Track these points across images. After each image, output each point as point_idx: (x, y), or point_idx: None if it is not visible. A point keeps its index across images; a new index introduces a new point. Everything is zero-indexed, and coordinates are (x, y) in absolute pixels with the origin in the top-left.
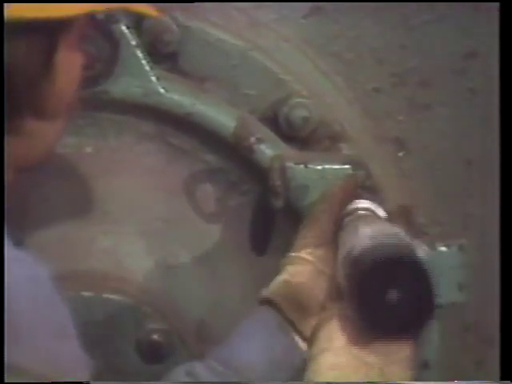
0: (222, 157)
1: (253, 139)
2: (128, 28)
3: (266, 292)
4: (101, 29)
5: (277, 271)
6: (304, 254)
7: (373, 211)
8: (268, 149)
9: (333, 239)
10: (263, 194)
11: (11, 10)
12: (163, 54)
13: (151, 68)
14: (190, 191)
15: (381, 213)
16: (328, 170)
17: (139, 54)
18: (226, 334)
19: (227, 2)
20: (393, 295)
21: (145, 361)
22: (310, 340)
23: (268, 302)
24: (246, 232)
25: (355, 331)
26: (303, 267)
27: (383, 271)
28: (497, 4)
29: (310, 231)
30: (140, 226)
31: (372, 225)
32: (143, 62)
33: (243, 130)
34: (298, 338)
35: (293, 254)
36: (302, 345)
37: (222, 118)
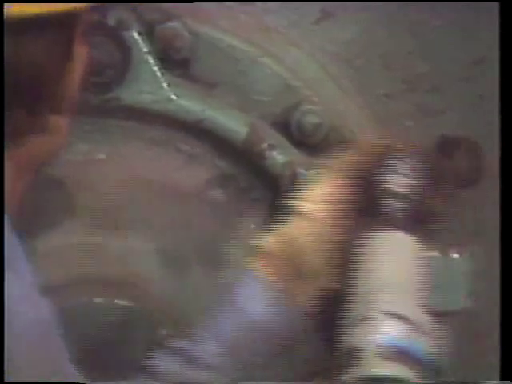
0: (233, 163)
1: (264, 145)
2: (140, 34)
3: (262, 243)
4: (112, 35)
5: None
6: (308, 208)
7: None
8: (279, 155)
9: (346, 200)
10: (274, 200)
11: (13, 9)
12: (175, 61)
13: (162, 74)
14: (201, 197)
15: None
16: None
17: (151, 60)
18: None
19: (229, 1)
20: None
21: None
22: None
23: (262, 254)
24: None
25: None
26: (307, 224)
27: None
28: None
29: (321, 184)
30: (152, 232)
31: (388, 305)
32: (155, 68)
33: (254, 136)
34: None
35: (297, 205)
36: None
37: (233, 124)
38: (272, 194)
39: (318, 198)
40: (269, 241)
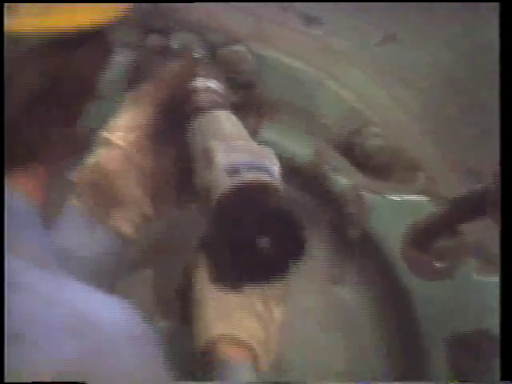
0: (298, 186)
1: (328, 168)
2: (202, 57)
3: (72, 176)
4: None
5: (352, 300)
6: (115, 137)
7: (217, 93)
8: (344, 178)
9: (152, 124)
10: (340, 224)
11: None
12: (238, 84)
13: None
14: None
15: (221, 89)
16: (404, 199)
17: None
18: (302, 364)
19: (233, 2)
20: (261, 241)
21: None
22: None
23: (76, 188)
24: (322, 261)
25: (224, 279)
26: (114, 152)
27: (250, 217)
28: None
29: (127, 112)
30: None
31: (226, 144)
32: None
33: (319, 158)
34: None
35: (104, 134)
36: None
37: (298, 147)
38: (336, 217)
39: (123, 126)
40: (78, 173)
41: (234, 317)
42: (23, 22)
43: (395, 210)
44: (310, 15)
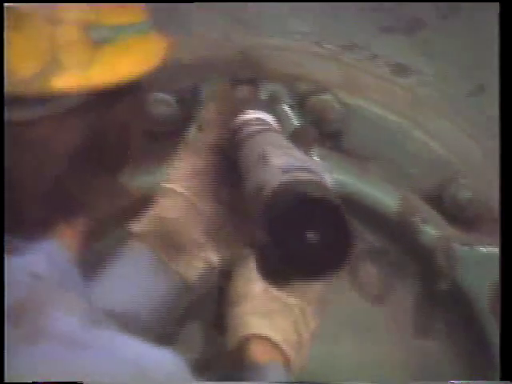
0: (385, 236)
1: (417, 219)
2: (291, 107)
3: (135, 227)
4: (264, 109)
5: (439, 355)
6: (176, 186)
7: (268, 123)
8: (433, 229)
9: (210, 168)
10: (428, 275)
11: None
12: (326, 133)
13: (315, 149)
14: (352, 271)
15: (274, 123)
16: (491, 252)
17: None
18: None
19: (236, 2)
20: (310, 236)
21: None
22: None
23: (138, 239)
24: (410, 314)
25: (273, 273)
26: (175, 201)
27: (300, 212)
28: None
29: (184, 161)
30: None
31: (280, 151)
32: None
33: (407, 209)
34: (177, 277)
35: (165, 185)
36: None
37: (385, 197)
38: (425, 269)
39: (183, 174)
40: (142, 224)
41: (271, 318)
42: (67, 78)
43: (483, 261)
44: (399, 64)
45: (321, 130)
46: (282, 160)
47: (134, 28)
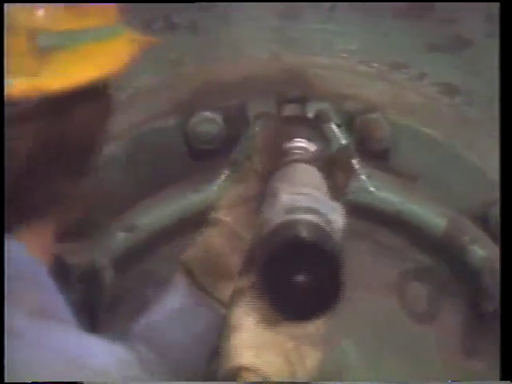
0: (431, 256)
1: (466, 239)
2: (339, 126)
3: (183, 257)
4: (312, 128)
5: (486, 375)
6: (222, 214)
7: (309, 152)
8: (480, 249)
9: (256, 197)
10: (475, 295)
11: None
12: (374, 152)
13: (362, 166)
14: (400, 290)
15: (313, 148)
16: None
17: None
18: None
19: (241, 2)
20: (301, 278)
21: None
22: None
23: (184, 266)
24: (458, 334)
25: (265, 310)
26: (220, 229)
27: (292, 253)
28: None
29: (232, 190)
30: (348, 324)
31: (294, 188)
32: (353, 160)
33: (455, 229)
34: (219, 306)
35: (212, 215)
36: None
37: (433, 216)
38: (472, 289)
39: (229, 204)
40: (188, 253)
41: (263, 351)
42: (16, 85)
43: None
44: (446, 83)
45: (368, 149)
46: (289, 199)
47: (101, 31)
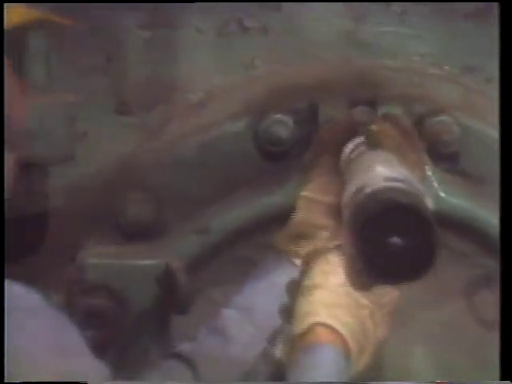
0: (493, 256)
1: None
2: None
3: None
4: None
5: None
6: (314, 194)
7: None
8: None
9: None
10: None
11: None
12: (443, 155)
13: (433, 172)
14: (469, 296)
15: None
16: None
17: None
18: None
19: (233, 2)
20: (395, 242)
21: None
22: (303, 269)
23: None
24: None
25: (354, 271)
26: (316, 208)
27: (389, 217)
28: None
29: (313, 169)
30: (419, 328)
31: (387, 164)
32: (425, 166)
33: None
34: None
35: (304, 193)
36: None
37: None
38: None
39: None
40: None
41: (340, 311)
42: None
43: None
44: None
45: (437, 152)
46: (385, 170)
47: None
